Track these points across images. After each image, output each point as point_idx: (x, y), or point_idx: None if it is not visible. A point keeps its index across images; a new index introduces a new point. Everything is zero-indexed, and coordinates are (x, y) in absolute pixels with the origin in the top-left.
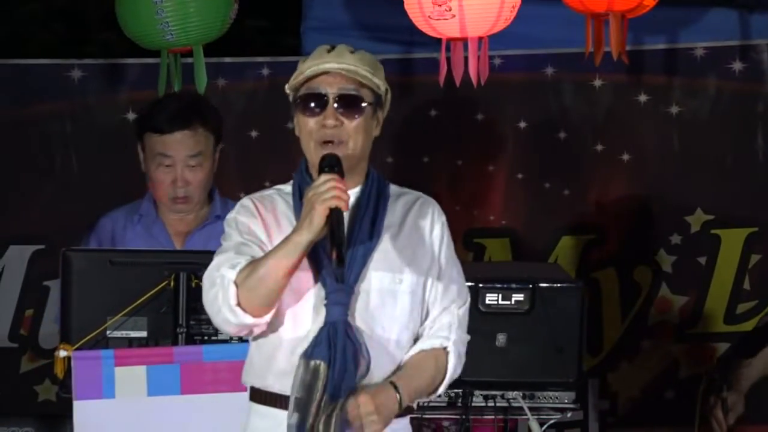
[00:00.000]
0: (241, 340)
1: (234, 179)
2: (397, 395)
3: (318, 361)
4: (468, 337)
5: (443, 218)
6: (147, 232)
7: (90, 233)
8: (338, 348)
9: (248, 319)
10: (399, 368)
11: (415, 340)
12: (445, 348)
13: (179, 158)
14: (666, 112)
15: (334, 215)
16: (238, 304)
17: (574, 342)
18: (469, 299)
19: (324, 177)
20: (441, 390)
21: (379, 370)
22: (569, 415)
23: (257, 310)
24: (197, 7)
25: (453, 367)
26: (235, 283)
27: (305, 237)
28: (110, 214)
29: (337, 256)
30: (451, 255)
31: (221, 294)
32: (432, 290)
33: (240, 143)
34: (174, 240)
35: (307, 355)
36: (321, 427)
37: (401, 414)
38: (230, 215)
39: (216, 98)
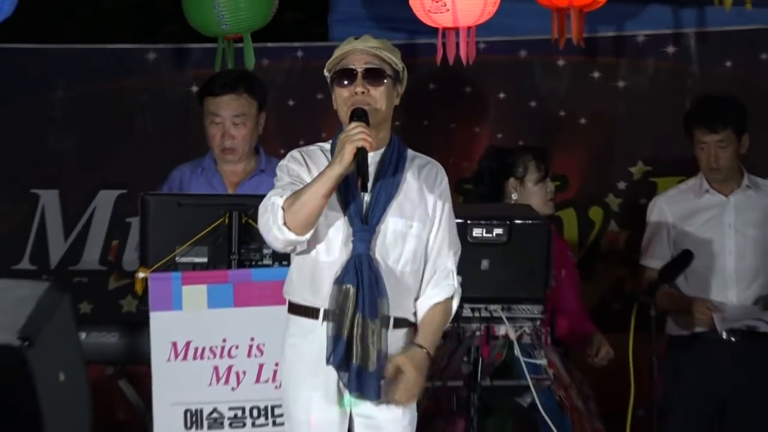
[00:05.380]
0: (282, 263)
1: (275, 138)
2: (425, 351)
3: (348, 285)
4: (460, 278)
5: (446, 180)
6: (207, 182)
7: (164, 182)
8: (364, 275)
9: (292, 236)
10: (416, 318)
11: (422, 275)
12: (452, 296)
13: (226, 116)
14: (614, 86)
15: (360, 153)
16: (285, 224)
17: (542, 266)
18: (460, 248)
19: (354, 124)
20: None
21: (389, 291)
22: (539, 323)
23: (299, 229)
24: (246, 2)
25: (455, 306)
26: (282, 207)
27: (337, 170)
28: (179, 167)
29: (362, 183)
30: (450, 211)
31: (271, 217)
32: (435, 236)
33: (280, 110)
34: (228, 188)
35: (339, 281)
36: (358, 340)
37: (401, 326)
38: (282, 162)
39: (260, 75)
